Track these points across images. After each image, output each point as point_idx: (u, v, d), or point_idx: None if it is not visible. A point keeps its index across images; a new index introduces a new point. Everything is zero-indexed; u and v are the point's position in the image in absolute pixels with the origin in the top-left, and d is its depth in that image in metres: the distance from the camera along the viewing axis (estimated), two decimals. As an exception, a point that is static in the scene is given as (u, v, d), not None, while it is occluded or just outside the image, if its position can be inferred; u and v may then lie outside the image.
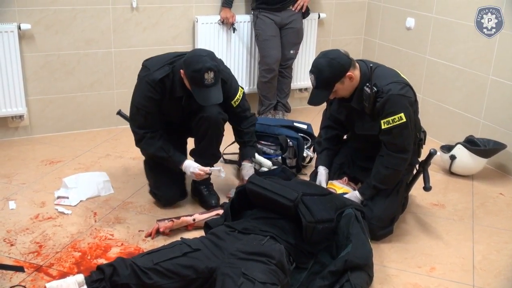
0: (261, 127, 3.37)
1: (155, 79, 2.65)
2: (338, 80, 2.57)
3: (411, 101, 2.58)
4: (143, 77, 2.69)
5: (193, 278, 2.15)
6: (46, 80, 3.77)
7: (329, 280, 2.25)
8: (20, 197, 2.99)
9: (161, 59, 2.74)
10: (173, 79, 2.68)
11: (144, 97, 2.70)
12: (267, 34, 4.02)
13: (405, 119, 2.51)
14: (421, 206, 3.09)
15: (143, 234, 2.69)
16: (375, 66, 2.63)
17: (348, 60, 2.59)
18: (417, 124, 2.74)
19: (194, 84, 2.59)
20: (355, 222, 2.39)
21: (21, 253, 2.48)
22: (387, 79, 2.57)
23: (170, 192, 2.94)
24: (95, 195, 3.03)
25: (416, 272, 2.48)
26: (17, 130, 3.80)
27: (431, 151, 2.76)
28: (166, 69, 2.67)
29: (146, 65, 2.73)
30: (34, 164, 3.42)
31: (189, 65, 2.56)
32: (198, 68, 2.52)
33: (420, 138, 2.83)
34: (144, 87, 2.68)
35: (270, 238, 2.27)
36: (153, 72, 2.66)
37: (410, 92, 2.59)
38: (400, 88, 2.54)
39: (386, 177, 2.64)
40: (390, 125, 2.53)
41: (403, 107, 2.52)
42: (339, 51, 2.62)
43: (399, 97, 2.52)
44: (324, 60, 2.57)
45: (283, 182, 2.52)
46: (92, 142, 3.80)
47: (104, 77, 3.94)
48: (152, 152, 2.82)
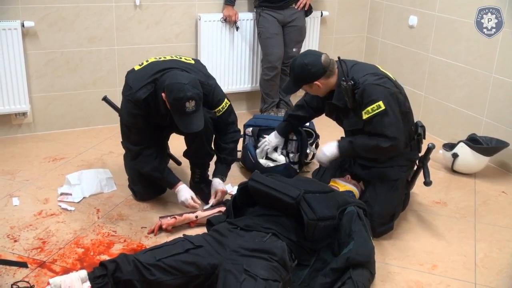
0: (265, 121, 3.39)
1: (139, 99, 2.61)
2: (305, 84, 2.70)
3: (390, 91, 2.59)
4: (127, 96, 2.66)
5: (196, 274, 2.15)
6: (50, 77, 3.78)
7: (331, 277, 2.25)
8: (23, 193, 3.01)
9: (143, 75, 2.66)
10: (155, 96, 2.63)
11: (131, 115, 2.67)
12: (270, 32, 4.02)
13: (384, 107, 2.54)
14: (423, 204, 3.10)
15: (146, 230, 2.70)
16: (353, 64, 2.71)
17: (322, 69, 2.63)
18: (410, 119, 2.75)
19: (175, 111, 2.55)
20: (357, 219, 2.38)
21: (24, 249, 2.49)
22: (363, 72, 2.63)
23: (146, 188, 2.94)
24: (98, 192, 3.04)
25: (418, 269, 2.48)
26: (20, 127, 3.81)
27: (429, 145, 2.78)
28: (148, 88, 2.61)
29: (128, 83, 2.68)
30: (37, 161, 3.43)
31: (170, 92, 2.50)
32: (180, 97, 2.48)
33: (419, 133, 2.84)
34: (129, 106, 2.65)
35: (272, 235, 2.28)
36: (136, 92, 2.61)
37: (388, 83, 2.62)
38: (376, 79, 2.60)
39: (367, 146, 2.64)
40: (370, 114, 2.56)
41: (381, 95, 2.55)
42: (318, 58, 2.65)
43: (375, 86, 2.56)
44: (299, 61, 2.67)
45: (285, 180, 2.52)
46: (95, 139, 3.82)
47: (107, 74, 3.95)
48: (147, 171, 2.79)
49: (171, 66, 2.69)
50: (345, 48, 4.74)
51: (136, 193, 2.98)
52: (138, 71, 2.73)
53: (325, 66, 2.65)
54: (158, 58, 2.78)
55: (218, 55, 4.16)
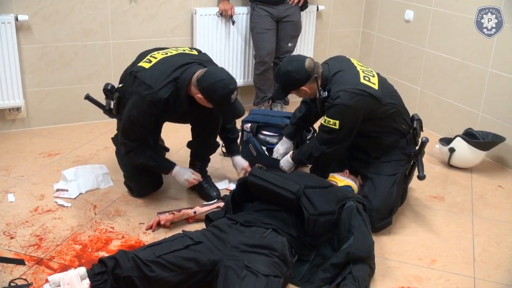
0: (264, 117, 3.37)
1: (161, 99, 2.55)
2: (292, 89, 2.76)
3: (356, 113, 2.63)
4: (146, 95, 2.55)
5: (196, 270, 2.14)
6: (44, 72, 3.74)
7: (331, 273, 2.26)
8: (18, 189, 2.97)
9: (160, 74, 2.59)
10: (176, 95, 2.60)
11: (145, 114, 2.62)
12: (261, 27, 4.00)
13: (337, 128, 2.64)
14: (420, 198, 3.10)
15: (144, 226, 2.68)
16: (336, 71, 2.70)
17: (306, 75, 2.66)
18: (397, 118, 2.77)
19: (221, 106, 2.58)
20: (357, 214, 2.39)
21: (21, 246, 2.47)
22: (341, 85, 2.64)
23: (142, 184, 2.93)
24: (94, 188, 3.02)
25: (417, 264, 2.48)
26: (14, 122, 3.77)
27: (423, 139, 2.79)
28: (169, 87, 2.56)
29: (145, 81, 2.57)
30: (32, 156, 3.39)
31: (215, 92, 2.51)
32: (226, 94, 2.51)
33: (414, 127, 2.84)
34: (146, 105, 2.57)
35: (272, 231, 2.28)
36: (158, 91, 2.53)
37: (361, 101, 2.61)
38: (349, 98, 2.59)
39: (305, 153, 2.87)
40: (325, 123, 2.68)
41: (343, 117, 2.63)
42: (302, 64, 2.67)
43: (344, 107, 2.60)
44: (284, 68, 2.71)
45: (285, 175, 2.52)
46: (90, 134, 3.78)
47: (102, 69, 3.91)
48: (141, 162, 2.76)
49: (186, 61, 2.65)
50: (340, 42, 4.74)
51: (132, 190, 2.96)
52: (151, 69, 2.62)
53: (310, 71, 2.66)
54: (165, 54, 2.71)
55: (213, 49, 4.13)
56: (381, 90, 2.67)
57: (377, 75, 2.75)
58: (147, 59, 2.69)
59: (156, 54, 2.72)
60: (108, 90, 2.95)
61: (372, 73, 2.74)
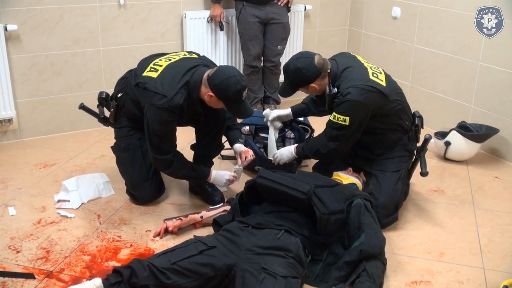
0: (262, 120, 3.36)
1: (178, 104, 2.54)
2: (301, 86, 2.77)
3: (366, 109, 2.65)
4: (161, 105, 2.53)
5: (212, 275, 2.14)
6: (34, 81, 3.69)
7: (345, 271, 2.27)
8: (18, 202, 2.92)
9: (171, 81, 2.57)
10: (188, 99, 2.60)
11: (166, 123, 2.60)
12: (249, 35, 4.00)
13: (348, 124, 2.64)
14: (420, 193, 3.14)
15: (151, 234, 2.66)
16: (345, 67, 2.71)
17: (316, 72, 2.68)
18: (402, 114, 2.79)
19: (232, 103, 2.58)
20: (365, 212, 2.40)
21: (28, 260, 2.42)
22: (351, 82, 2.65)
23: (146, 191, 2.91)
24: (96, 197, 2.99)
25: (427, 258, 2.52)
26: (5, 134, 3.70)
27: (426, 136, 2.81)
28: (182, 92, 2.56)
29: (157, 92, 2.54)
30: (28, 168, 3.34)
31: (227, 88, 2.51)
32: (239, 89, 2.52)
33: (416, 124, 2.88)
34: (165, 115, 2.56)
35: (285, 232, 2.28)
36: (173, 99, 2.52)
37: (371, 97, 2.63)
38: (359, 94, 2.60)
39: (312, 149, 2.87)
40: (334, 120, 2.67)
41: (353, 113, 2.63)
42: (312, 60, 2.68)
43: (354, 103, 2.61)
44: (293, 65, 2.72)
45: (293, 175, 2.52)
46: (85, 143, 3.74)
47: (93, 76, 3.87)
48: (183, 173, 2.80)
49: (193, 64, 2.65)
50: (328, 41, 4.77)
51: (136, 197, 2.93)
52: (160, 77, 2.59)
53: (319, 68, 2.68)
54: (168, 60, 2.70)
55: (204, 52, 4.10)
56: (388, 87, 2.70)
57: (383, 72, 2.78)
58: (152, 68, 2.66)
59: (159, 61, 2.70)
60: (103, 99, 2.94)
61: (379, 70, 2.76)
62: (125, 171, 2.94)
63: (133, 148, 2.88)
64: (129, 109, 2.83)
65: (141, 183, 2.88)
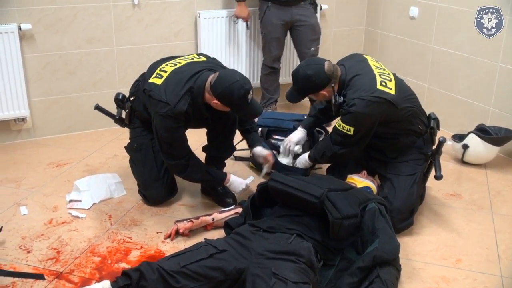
0: (275, 122, 3.33)
1: (181, 112, 2.54)
2: (310, 93, 2.76)
3: (371, 120, 2.63)
4: (166, 113, 2.54)
5: (222, 279, 2.11)
6: (48, 80, 3.70)
7: (358, 277, 2.22)
8: (30, 202, 2.93)
9: (174, 87, 2.57)
10: (193, 105, 2.59)
11: (172, 130, 2.60)
12: (271, 36, 3.95)
13: (352, 134, 2.64)
14: (437, 197, 3.09)
15: (162, 235, 2.64)
16: (353, 75, 2.66)
17: (326, 79, 2.64)
18: (413, 119, 2.74)
19: (239, 107, 2.56)
20: (380, 216, 2.35)
21: (39, 260, 2.43)
22: (357, 92, 2.60)
23: (157, 192, 2.90)
24: (108, 197, 2.98)
25: (443, 264, 2.47)
26: (20, 133, 3.72)
27: (441, 139, 2.76)
28: (186, 98, 2.55)
29: (161, 99, 2.55)
30: (41, 167, 3.35)
31: (231, 94, 2.49)
32: (243, 94, 2.49)
33: (431, 126, 2.82)
34: (169, 122, 2.57)
35: (296, 236, 2.24)
36: (176, 106, 2.52)
37: (377, 109, 2.59)
38: (365, 106, 2.57)
39: (319, 151, 2.88)
40: (339, 128, 2.67)
41: (358, 124, 2.62)
42: (322, 67, 2.64)
43: (359, 115, 2.59)
44: (302, 72, 2.67)
45: (306, 179, 2.49)
46: (98, 142, 3.74)
47: (106, 76, 3.88)
48: (199, 177, 2.81)
49: (197, 69, 2.63)
50: (344, 41, 4.72)
51: (148, 198, 2.93)
52: (164, 84, 2.59)
53: (329, 75, 2.64)
54: (174, 65, 2.68)
55: (218, 51, 4.09)
56: (398, 94, 2.63)
57: (394, 78, 2.71)
58: (157, 74, 2.65)
59: (165, 67, 2.69)
60: (119, 100, 2.95)
61: (389, 76, 2.70)
62: (137, 171, 2.94)
63: (145, 148, 2.88)
64: (140, 112, 2.84)
65: (152, 183, 2.88)
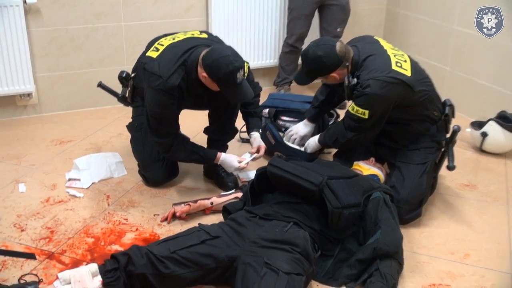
0: (283, 102, 3.25)
1: (173, 86, 2.47)
2: (320, 76, 2.63)
3: (387, 101, 2.52)
4: (157, 86, 2.48)
5: (213, 267, 2.06)
6: (54, 56, 3.66)
7: (357, 269, 2.17)
8: (30, 179, 2.92)
9: (168, 61, 2.51)
10: (188, 79, 2.53)
11: (163, 106, 2.54)
12: (300, 13, 3.85)
13: (366, 117, 2.52)
14: (450, 187, 2.97)
15: (159, 218, 2.60)
16: (367, 55, 2.55)
17: (338, 61, 2.54)
18: (428, 104, 2.64)
19: (226, 86, 2.47)
20: (384, 206, 2.28)
21: (32, 239, 2.40)
22: (372, 73, 2.49)
23: (156, 173, 2.85)
24: (107, 177, 2.95)
25: (449, 259, 2.37)
26: (25, 108, 3.71)
27: (455, 128, 2.66)
28: (179, 72, 2.49)
29: (154, 72, 2.49)
30: (43, 144, 3.33)
31: (218, 68, 2.40)
32: (230, 71, 2.39)
33: (446, 113, 2.71)
34: (161, 97, 2.50)
35: (293, 225, 2.18)
36: (168, 80, 2.46)
37: (392, 90, 2.48)
38: (380, 87, 2.46)
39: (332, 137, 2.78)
40: (353, 112, 2.56)
41: (373, 106, 2.51)
42: (333, 48, 2.53)
43: (374, 97, 2.47)
44: (312, 53, 2.56)
45: (307, 165, 2.40)
46: (103, 120, 3.71)
47: (114, 52, 3.82)
48: (184, 157, 2.74)
49: (194, 44, 2.57)
50: (363, 21, 4.56)
51: (147, 179, 2.88)
52: (159, 58, 2.54)
53: (341, 56, 2.54)
54: (172, 40, 2.63)
55: (230, 29, 4.01)
56: (414, 76, 2.53)
57: (409, 60, 2.60)
58: (154, 48, 2.61)
59: (163, 41, 2.63)
60: (123, 78, 2.91)
61: (403, 57, 2.58)
62: (137, 150, 2.90)
63: (146, 127, 2.82)
64: (141, 89, 2.77)
65: (152, 163, 2.83)
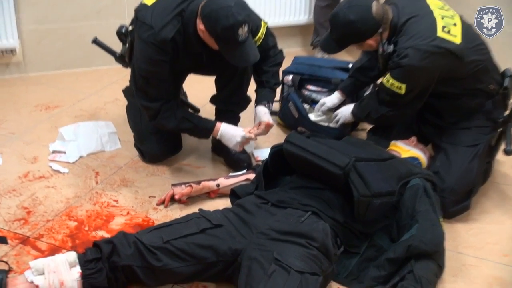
0: (310, 69, 3.21)
1: (165, 39, 2.44)
2: (353, 43, 2.61)
3: (429, 73, 2.48)
4: (147, 38, 2.46)
5: (212, 261, 2.04)
6: (43, 6, 3.69)
7: (387, 270, 2.13)
8: (8, 150, 2.95)
9: (163, 10, 2.49)
10: (184, 33, 2.49)
11: (153, 63, 2.51)
12: None
13: (403, 93, 2.50)
14: (508, 175, 2.94)
15: (155, 201, 2.61)
16: (408, 17, 2.49)
17: (374, 25, 2.49)
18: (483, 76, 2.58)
19: (225, 43, 2.42)
20: (423, 196, 2.23)
21: (5, 220, 2.42)
22: (412, 40, 2.44)
23: (154, 146, 2.84)
24: (98, 150, 2.97)
25: (501, 262, 2.32)
26: (8, 67, 3.75)
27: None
28: (174, 23, 2.45)
29: (145, 21, 2.48)
30: (26, 109, 3.37)
31: (216, 21, 2.34)
32: (230, 25, 2.32)
33: (505, 86, 2.64)
34: (151, 51, 2.48)
35: (312, 214, 2.15)
36: (160, 31, 2.43)
37: (436, 61, 2.43)
38: (421, 58, 2.41)
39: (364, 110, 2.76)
40: (387, 85, 2.53)
41: (411, 80, 2.48)
42: (369, 10, 2.47)
43: (413, 69, 2.44)
44: (344, 17, 2.51)
45: (331, 143, 2.36)
46: (98, 83, 3.75)
47: (113, 2, 3.84)
48: (174, 125, 2.68)
49: None
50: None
51: (144, 154, 2.89)
52: (154, 5, 2.52)
53: (378, 20, 2.48)
54: None
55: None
56: (465, 43, 2.45)
57: (460, 22, 2.51)
58: None
59: None
60: (122, 34, 2.89)
61: (453, 20, 2.50)
62: (133, 119, 2.91)
63: None
64: None
65: (148, 135, 2.83)
